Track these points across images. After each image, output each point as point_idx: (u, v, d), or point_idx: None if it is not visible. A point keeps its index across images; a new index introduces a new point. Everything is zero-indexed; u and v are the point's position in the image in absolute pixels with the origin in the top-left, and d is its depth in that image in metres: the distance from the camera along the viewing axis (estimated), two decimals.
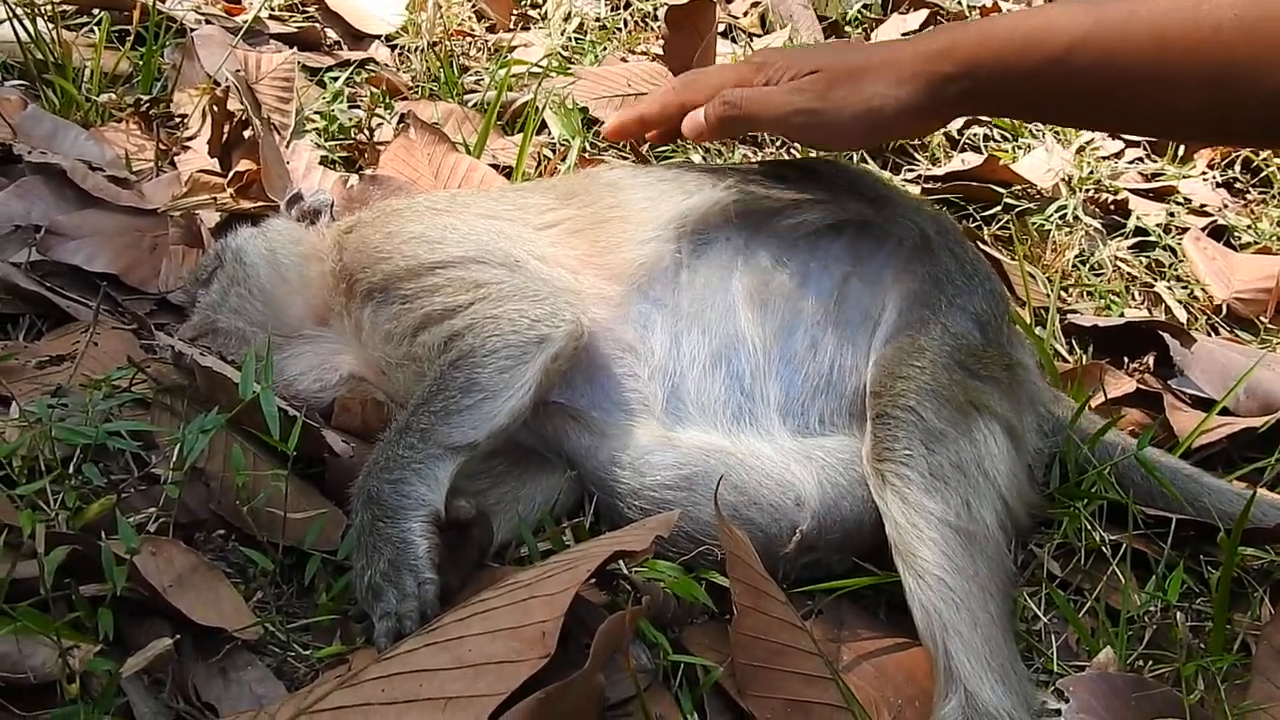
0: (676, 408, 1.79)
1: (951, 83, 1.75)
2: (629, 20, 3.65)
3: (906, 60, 1.77)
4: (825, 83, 1.80)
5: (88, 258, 2.12)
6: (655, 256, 1.86)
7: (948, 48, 1.76)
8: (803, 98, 1.81)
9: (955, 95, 1.77)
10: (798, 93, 1.82)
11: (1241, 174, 3.40)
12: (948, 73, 1.74)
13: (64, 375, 1.78)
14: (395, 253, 1.85)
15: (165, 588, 1.45)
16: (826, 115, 1.81)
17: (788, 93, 1.83)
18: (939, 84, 1.76)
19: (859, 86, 1.79)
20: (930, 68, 1.75)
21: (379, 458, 1.60)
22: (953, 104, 1.81)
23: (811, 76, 1.81)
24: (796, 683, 1.53)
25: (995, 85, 1.74)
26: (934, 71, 1.75)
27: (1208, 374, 2.38)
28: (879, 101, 1.78)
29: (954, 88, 1.76)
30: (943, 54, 1.76)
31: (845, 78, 1.80)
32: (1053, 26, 1.69)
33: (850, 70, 1.80)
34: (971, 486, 1.69)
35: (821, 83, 1.81)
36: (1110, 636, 1.73)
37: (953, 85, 1.75)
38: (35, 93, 2.58)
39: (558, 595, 1.35)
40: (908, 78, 1.77)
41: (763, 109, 1.86)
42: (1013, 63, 1.71)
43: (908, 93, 1.77)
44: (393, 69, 3.19)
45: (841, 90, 1.79)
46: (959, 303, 1.85)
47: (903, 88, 1.77)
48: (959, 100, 1.79)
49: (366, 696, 1.31)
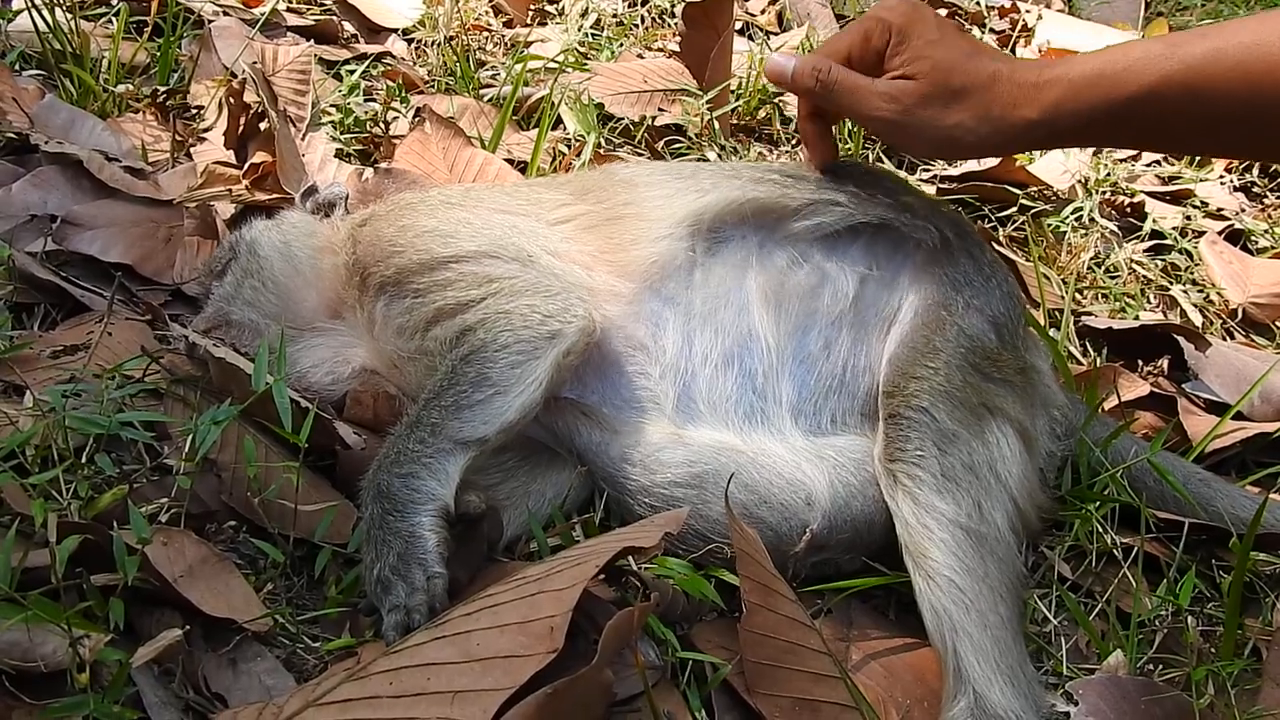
0: (688, 406, 1.79)
1: (1033, 129, 1.76)
2: (646, 16, 3.65)
3: (997, 98, 1.76)
4: (917, 98, 1.78)
5: (103, 248, 2.13)
6: (669, 254, 1.85)
7: (1035, 89, 1.74)
8: (891, 108, 1.79)
9: (1033, 139, 1.80)
10: (889, 100, 1.79)
11: (1259, 178, 3.38)
12: (1031, 119, 1.74)
13: (78, 365, 1.79)
14: (408, 246, 1.85)
15: (176, 578, 1.46)
16: (907, 131, 1.81)
17: (879, 95, 1.80)
18: (1020, 129, 1.76)
19: (947, 112, 1.77)
20: (1016, 113, 1.75)
21: (389, 451, 1.60)
22: (1029, 144, 1.86)
23: (908, 84, 1.78)
24: (805, 681, 1.53)
25: (1075, 128, 1.75)
26: (1019, 118, 1.75)
27: (1222, 378, 2.37)
28: (959, 134, 1.77)
29: (1034, 134, 1.77)
30: (1030, 97, 1.74)
31: (939, 97, 1.77)
32: (1136, 67, 1.69)
33: (948, 91, 1.77)
34: (983, 488, 1.69)
35: (913, 97, 1.78)
36: (1120, 640, 1.73)
37: (1034, 131, 1.76)
38: (53, 83, 2.59)
39: (566, 591, 1.35)
40: (995, 117, 1.76)
41: (850, 101, 1.84)
42: (1095, 106, 1.72)
43: (989, 131, 1.77)
44: (409, 63, 3.20)
45: (929, 111, 1.78)
46: (975, 305, 1.85)
47: (987, 125, 1.77)
48: (1036, 141, 1.83)
49: (375, 689, 1.31)
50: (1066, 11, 4.47)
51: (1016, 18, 3.98)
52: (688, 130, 2.97)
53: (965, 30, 2.64)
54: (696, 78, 3.11)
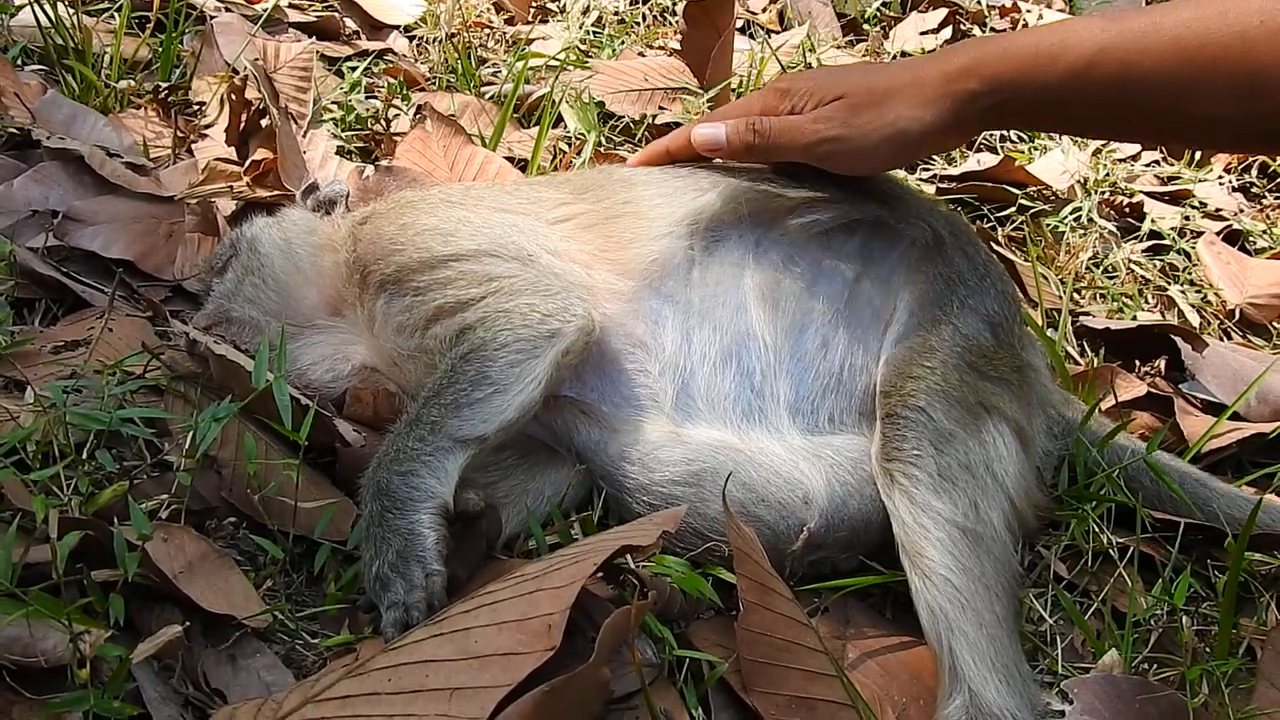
0: (686, 404, 1.80)
1: (976, 100, 1.76)
2: (647, 15, 3.65)
3: (930, 81, 1.78)
4: (849, 109, 1.80)
5: (104, 244, 2.13)
6: (668, 253, 1.86)
7: (971, 65, 1.76)
8: (828, 126, 1.81)
9: (980, 112, 1.78)
10: (823, 121, 1.82)
11: (1258, 179, 3.39)
12: (972, 90, 1.75)
13: (79, 361, 1.79)
14: (409, 245, 1.86)
15: (176, 574, 1.46)
16: (852, 142, 1.81)
17: (813, 121, 1.82)
18: (964, 102, 1.76)
19: (883, 110, 1.79)
20: (954, 87, 1.76)
21: (389, 449, 1.61)
22: (978, 120, 1.82)
23: (836, 104, 1.81)
24: (801, 679, 1.53)
25: (1020, 100, 1.75)
26: (958, 90, 1.76)
27: (1219, 378, 2.38)
28: (904, 124, 1.78)
29: (979, 105, 1.76)
30: (966, 72, 1.76)
31: (869, 102, 1.80)
32: (1074, 39, 1.70)
33: (874, 94, 1.80)
34: (980, 488, 1.70)
35: (845, 109, 1.81)
36: (1116, 639, 1.73)
37: (977, 103, 1.76)
38: (55, 78, 2.59)
39: (564, 589, 1.36)
40: (933, 99, 1.77)
41: (789, 139, 1.86)
42: (1036, 77, 1.72)
43: (933, 113, 1.78)
44: (411, 60, 3.20)
45: (866, 115, 1.79)
46: (971, 304, 1.86)
47: (928, 109, 1.77)
48: (984, 116, 1.80)
49: (373, 686, 1.32)
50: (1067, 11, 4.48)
51: (1017, 17, 3.99)
52: None
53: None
54: (697, 76, 3.11)
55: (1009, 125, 2.17)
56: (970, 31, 3.82)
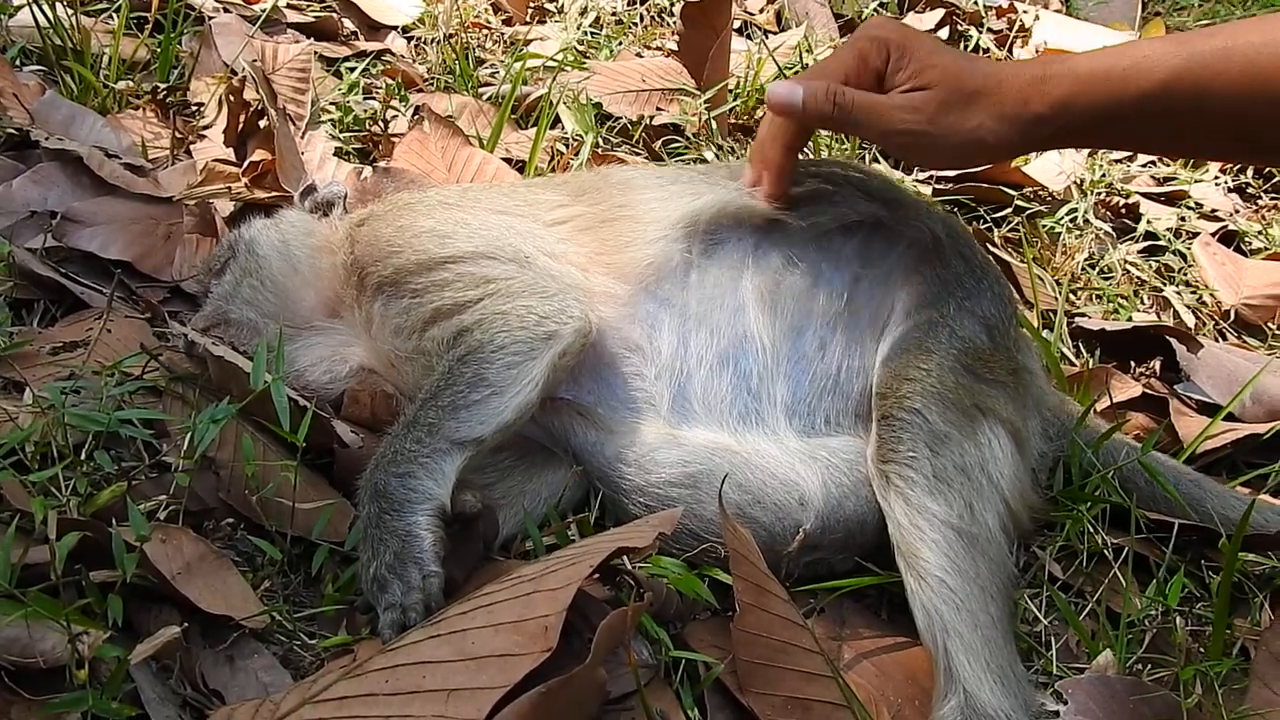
0: (682, 406, 1.80)
1: (1045, 124, 1.75)
2: (645, 15, 3.66)
3: (1009, 97, 1.75)
4: (936, 105, 1.75)
5: (102, 244, 2.14)
6: (664, 256, 1.86)
7: (1042, 86, 1.74)
8: (913, 119, 1.75)
9: (1048, 134, 1.78)
10: (909, 111, 1.76)
11: (1254, 179, 3.39)
12: (1041, 114, 1.74)
13: (77, 362, 1.80)
14: (406, 247, 1.86)
15: (174, 575, 1.47)
16: (932, 139, 1.77)
17: (899, 109, 1.76)
18: (1032, 125, 1.75)
19: (967, 115, 1.75)
20: (1027, 109, 1.74)
21: (386, 451, 1.62)
22: (1044, 141, 1.84)
23: (925, 95, 1.76)
24: (797, 680, 1.54)
25: (1086, 124, 1.76)
26: (1030, 113, 1.74)
27: (1214, 379, 2.39)
28: (983, 134, 1.75)
29: (1047, 129, 1.76)
30: (1038, 94, 1.74)
31: (957, 103, 1.75)
32: (1145, 65, 1.70)
33: (965, 95, 1.75)
34: (975, 489, 1.70)
35: (933, 105, 1.75)
36: (1110, 639, 1.74)
37: (1045, 127, 1.76)
38: (53, 78, 2.59)
39: (560, 590, 1.37)
40: (1010, 115, 1.75)
41: (869, 119, 1.78)
42: (1105, 103, 1.72)
43: (1008, 129, 1.76)
44: (409, 61, 3.20)
45: (952, 116, 1.75)
46: (967, 306, 1.86)
47: (1004, 123, 1.75)
48: (1051, 138, 1.81)
49: (371, 687, 1.32)
50: (1064, 12, 4.48)
51: (1014, 18, 3.99)
52: (685, 130, 2.98)
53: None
54: (695, 77, 3.12)
55: (1078, 144, 2.17)
56: (966, 33, 3.82)
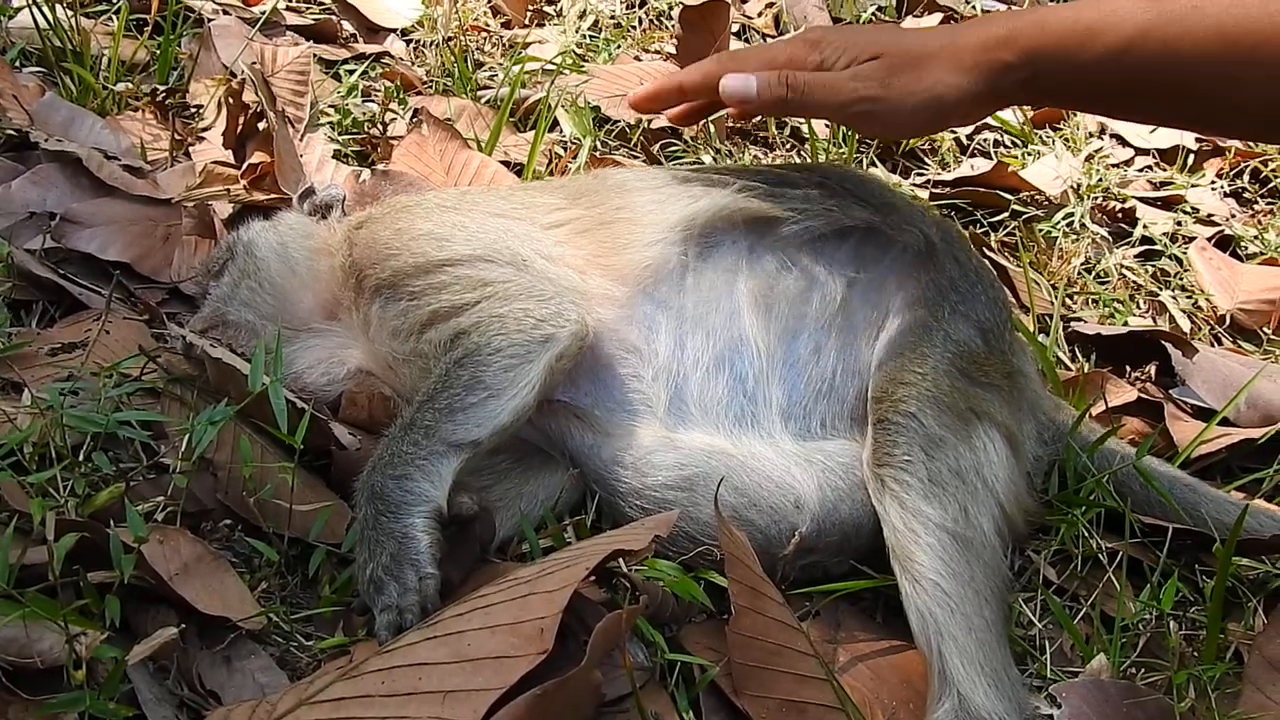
0: (679, 409, 1.81)
1: (1011, 71, 1.74)
2: (644, 19, 3.66)
3: (967, 48, 1.75)
4: (886, 69, 1.76)
5: (101, 246, 2.14)
6: (661, 259, 1.87)
7: (1008, 35, 1.74)
8: (865, 85, 1.77)
9: (1014, 84, 1.76)
10: (860, 80, 1.77)
11: (1250, 184, 3.40)
12: (1008, 61, 1.73)
13: (76, 363, 1.80)
14: (404, 249, 1.87)
15: (172, 576, 1.47)
16: (889, 103, 1.77)
17: (850, 79, 1.77)
18: (999, 73, 1.75)
19: (920, 74, 1.76)
20: (990, 56, 1.74)
21: (383, 453, 1.62)
22: (1011, 92, 1.81)
23: (872, 63, 1.77)
24: (792, 683, 1.54)
25: (1055, 75, 1.74)
26: (994, 60, 1.74)
27: (1209, 384, 2.39)
28: (941, 90, 1.76)
29: (1013, 76, 1.75)
30: (1003, 42, 1.74)
31: (907, 65, 1.76)
32: (1114, 17, 1.69)
33: (911, 57, 1.76)
34: (970, 493, 1.71)
35: (883, 69, 1.76)
36: (1104, 643, 1.75)
37: (1012, 74, 1.74)
38: (53, 80, 2.60)
39: (557, 592, 1.37)
40: (969, 66, 1.75)
41: (824, 95, 1.80)
42: (1073, 52, 1.71)
43: (968, 81, 1.75)
44: (408, 63, 3.21)
45: (904, 78, 1.76)
46: (962, 310, 1.87)
47: (964, 76, 1.75)
48: (1018, 89, 1.78)
49: (367, 688, 1.33)
50: None
51: None
52: (683, 133, 2.99)
53: None
54: None
55: (1043, 101, 2.13)
56: None
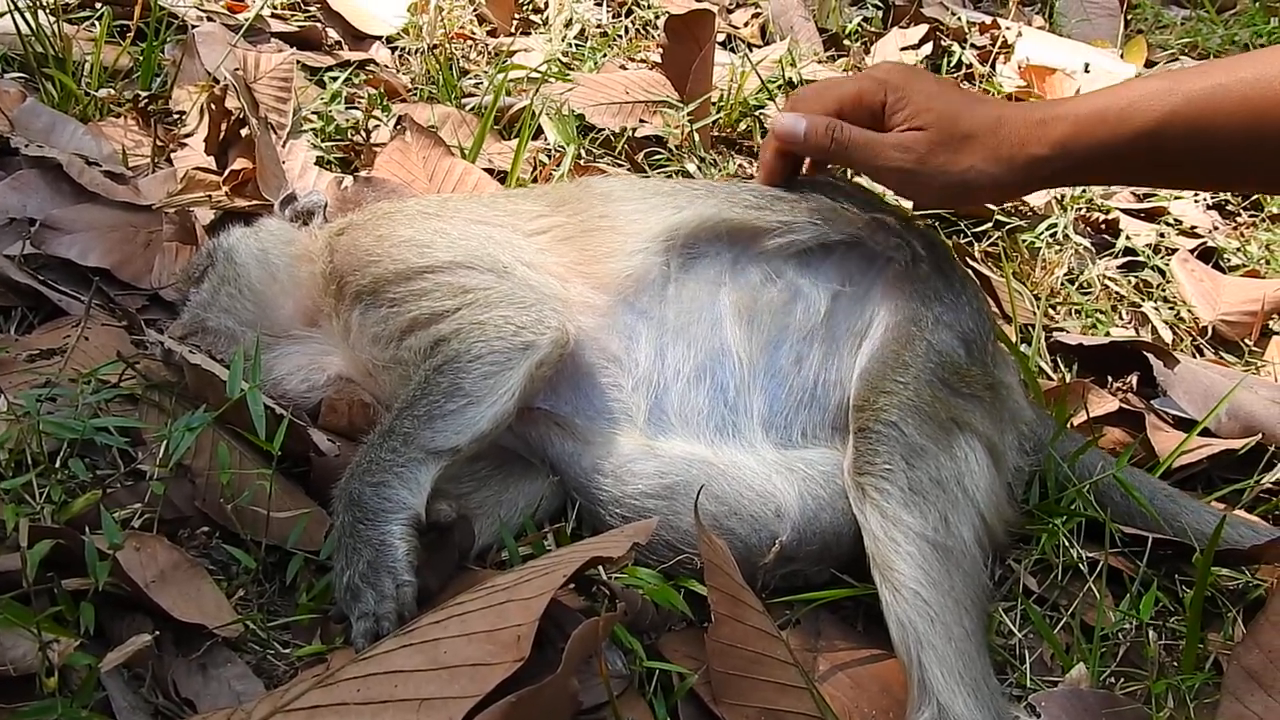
0: (660, 418, 1.81)
1: (1044, 165, 1.81)
2: (629, 28, 3.67)
3: (1006, 141, 1.81)
4: (929, 146, 1.83)
5: (81, 252, 2.14)
6: (643, 268, 1.87)
7: (1041, 128, 1.80)
8: (904, 157, 1.83)
9: (1045, 175, 1.84)
10: (901, 150, 1.83)
11: (1232, 197, 3.41)
12: (1042, 156, 1.80)
13: (54, 369, 1.79)
14: (385, 256, 1.86)
15: (147, 583, 1.47)
16: (921, 177, 1.85)
17: (892, 147, 1.84)
18: (1032, 166, 1.81)
19: (959, 157, 1.82)
20: (1026, 151, 1.80)
21: (362, 460, 1.62)
22: (1042, 181, 1.89)
23: (918, 135, 1.83)
24: (771, 691, 1.54)
25: (1085, 164, 1.81)
26: (1029, 155, 1.80)
27: (1190, 395, 2.40)
28: (973, 176, 1.82)
29: (1045, 170, 1.82)
30: (1037, 137, 1.80)
31: (950, 144, 1.82)
32: (1142, 104, 1.75)
33: (956, 138, 1.82)
34: (950, 502, 1.71)
35: (925, 145, 1.83)
36: (1084, 653, 1.75)
37: (1045, 167, 1.81)
38: (34, 86, 2.59)
39: (534, 599, 1.37)
40: (1005, 158, 1.81)
41: (864, 156, 1.88)
42: (1103, 142, 1.78)
43: (1003, 171, 1.82)
44: (392, 71, 3.21)
45: (942, 158, 1.82)
46: (945, 321, 1.87)
47: (999, 166, 1.81)
48: (1049, 178, 1.87)
49: (342, 696, 1.32)
50: (1046, 29, 4.51)
51: (997, 34, 4.01)
52: (668, 142, 2.99)
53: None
54: (678, 89, 3.12)
55: (1073, 183, 2.21)
56: (950, 48, 3.84)
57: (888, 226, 1.95)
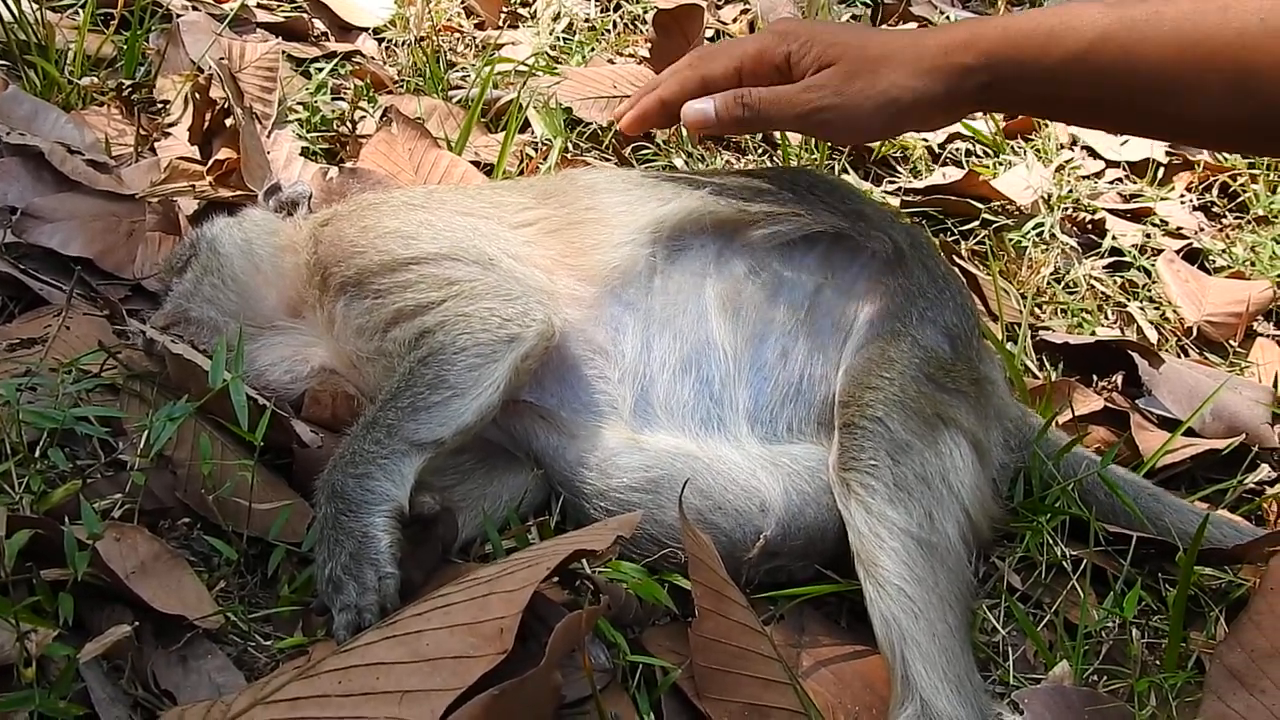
0: (645, 411, 1.80)
1: (970, 75, 1.74)
2: (618, 22, 3.66)
3: (927, 51, 1.75)
4: (843, 75, 1.77)
5: (63, 241, 2.12)
6: (630, 260, 1.86)
7: (969, 40, 1.74)
8: (820, 95, 1.77)
9: (974, 89, 1.76)
10: (815, 90, 1.78)
11: (1219, 198, 3.43)
12: (967, 65, 1.73)
13: (34, 358, 1.78)
14: (370, 247, 1.85)
15: (127, 574, 1.45)
16: (845, 110, 1.78)
17: (804, 90, 1.78)
18: (958, 76, 1.74)
19: (876, 78, 1.75)
20: (950, 60, 1.74)
21: (345, 451, 1.61)
22: (971, 98, 1.80)
23: (828, 71, 1.77)
24: (755, 687, 1.54)
25: (1015, 80, 1.74)
26: (954, 64, 1.74)
27: (1175, 395, 2.40)
28: (896, 93, 1.75)
29: (973, 81, 1.74)
30: (964, 46, 1.74)
31: (864, 68, 1.76)
32: (1074, 23, 1.69)
33: (870, 60, 1.76)
34: (935, 498, 1.71)
35: (839, 76, 1.77)
36: (1067, 650, 1.75)
37: (972, 78, 1.74)
38: (17, 74, 2.57)
39: (517, 592, 1.36)
40: (927, 69, 1.74)
41: (779, 110, 1.82)
42: (1033, 58, 1.71)
43: (926, 84, 1.75)
44: (379, 62, 3.19)
45: (859, 82, 1.76)
46: (930, 316, 1.87)
47: (921, 79, 1.75)
48: (977, 94, 1.78)
49: (323, 688, 1.31)
50: None
51: None
52: (655, 136, 2.99)
53: None
54: None
55: (1003, 108, 2.12)
56: None
57: (871, 220, 1.95)
